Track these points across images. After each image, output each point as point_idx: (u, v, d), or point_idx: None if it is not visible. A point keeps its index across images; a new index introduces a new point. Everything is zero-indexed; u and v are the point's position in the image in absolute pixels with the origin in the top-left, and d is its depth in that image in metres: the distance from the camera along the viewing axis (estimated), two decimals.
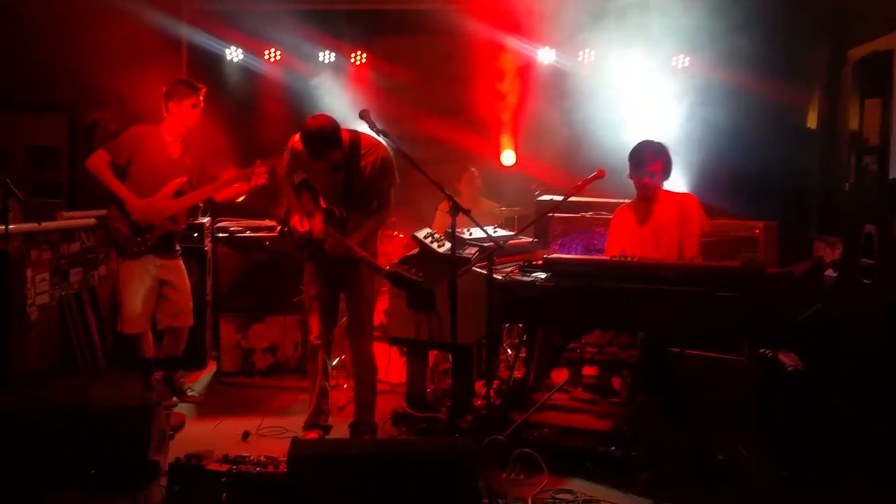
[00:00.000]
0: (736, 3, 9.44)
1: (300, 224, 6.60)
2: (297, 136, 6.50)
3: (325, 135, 6.28)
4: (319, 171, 6.56)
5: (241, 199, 8.03)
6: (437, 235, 7.09)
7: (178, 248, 7.74)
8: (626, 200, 7.27)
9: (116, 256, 7.48)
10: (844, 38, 8.97)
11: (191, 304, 7.82)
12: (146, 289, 7.49)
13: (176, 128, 7.52)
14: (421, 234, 7.10)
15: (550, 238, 8.38)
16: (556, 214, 8.21)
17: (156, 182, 7.41)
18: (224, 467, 5.51)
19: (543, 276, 6.33)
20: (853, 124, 8.60)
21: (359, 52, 11.60)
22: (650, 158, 6.81)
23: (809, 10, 9.59)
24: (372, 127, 6.15)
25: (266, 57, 11.46)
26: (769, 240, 7.91)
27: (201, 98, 7.55)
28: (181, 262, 7.77)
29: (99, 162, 7.34)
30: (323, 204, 6.60)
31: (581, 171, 7.05)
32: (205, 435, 6.97)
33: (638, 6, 10.05)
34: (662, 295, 5.77)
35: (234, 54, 11.36)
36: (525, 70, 11.31)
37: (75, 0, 10.27)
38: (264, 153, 7.52)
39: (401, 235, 9.42)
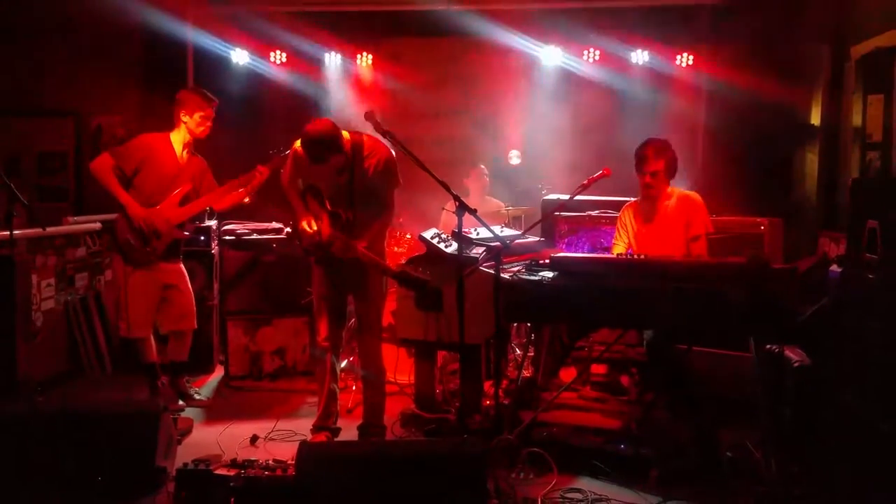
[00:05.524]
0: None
1: (308, 228, 6.61)
2: (298, 142, 6.51)
3: (325, 140, 6.28)
4: (324, 175, 6.56)
5: (247, 199, 8.05)
6: (444, 235, 7.11)
7: (181, 252, 7.76)
8: (632, 199, 7.28)
9: (124, 265, 7.48)
10: (847, 34, 8.95)
11: (194, 308, 7.83)
12: (150, 294, 7.52)
13: (185, 136, 7.49)
14: (428, 234, 7.12)
15: (557, 237, 8.39)
16: (562, 213, 8.25)
17: (162, 190, 7.42)
18: (232, 472, 5.54)
19: (550, 275, 6.29)
20: (856, 120, 8.59)
21: (365, 54, 11.58)
22: (653, 157, 6.80)
23: (811, 6, 9.59)
24: (377, 128, 6.14)
25: (272, 59, 11.44)
26: (774, 236, 7.92)
27: (213, 111, 7.52)
28: (182, 266, 7.77)
29: (104, 166, 7.33)
30: (329, 207, 6.61)
31: (587, 170, 7.04)
32: (212, 439, 6.97)
33: (642, 5, 10.10)
34: (668, 292, 5.75)
35: (239, 56, 11.34)
36: (530, 69, 11.31)
37: (80, 5, 10.30)
38: (264, 158, 7.51)
39: (408, 236, 9.42)
